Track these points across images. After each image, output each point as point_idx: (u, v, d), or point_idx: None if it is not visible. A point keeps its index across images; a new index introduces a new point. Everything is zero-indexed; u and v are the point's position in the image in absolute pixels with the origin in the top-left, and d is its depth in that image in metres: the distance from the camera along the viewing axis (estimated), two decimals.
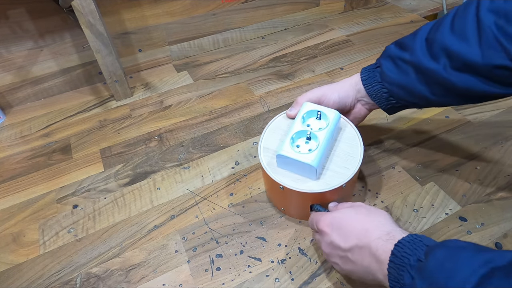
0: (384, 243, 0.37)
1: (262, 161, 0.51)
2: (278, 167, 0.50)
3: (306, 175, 0.49)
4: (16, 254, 0.54)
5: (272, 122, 0.56)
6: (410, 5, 1.13)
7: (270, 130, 0.55)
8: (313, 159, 0.46)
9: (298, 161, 0.47)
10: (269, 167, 0.50)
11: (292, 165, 0.48)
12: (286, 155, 0.47)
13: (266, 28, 1.01)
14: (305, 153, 0.48)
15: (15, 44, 0.76)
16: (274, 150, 0.52)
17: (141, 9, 0.83)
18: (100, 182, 0.63)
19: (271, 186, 0.52)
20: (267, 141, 0.53)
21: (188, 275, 0.49)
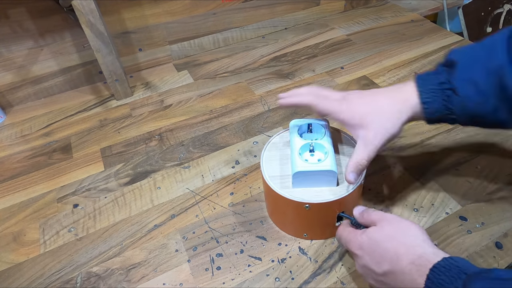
0: (418, 268, 0.35)
1: (274, 188, 0.47)
2: (293, 189, 0.48)
3: (325, 184, 0.47)
4: (16, 253, 0.54)
5: (265, 152, 0.53)
6: (410, 4, 1.13)
7: (266, 160, 0.52)
8: (331, 164, 0.46)
9: (317, 171, 0.45)
10: (285, 192, 0.47)
11: (309, 179, 0.47)
12: (304, 169, 0.45)
13: (267, 27, 1.01)
14: (318, 163, 0.47)
15: (16, 43, 0.76)
16: (280, 175, 0.49)
17: (141, 9, 0.83)
18: (100, 181, 0.64)
19: (291, 212, 0.49)
20: (269, 170, 0.50)
21: (188, 274, 0.49)
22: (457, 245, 0.50)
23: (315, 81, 0.82)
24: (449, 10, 1.29)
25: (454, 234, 0.51)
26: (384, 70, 0.84)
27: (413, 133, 0.67)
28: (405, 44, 0.92)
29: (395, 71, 0.83)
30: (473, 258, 0.48)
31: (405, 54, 0.88)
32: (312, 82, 0.82)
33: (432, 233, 0.51)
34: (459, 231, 0.51)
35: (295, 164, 0.46)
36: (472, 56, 0.41)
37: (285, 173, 0.50)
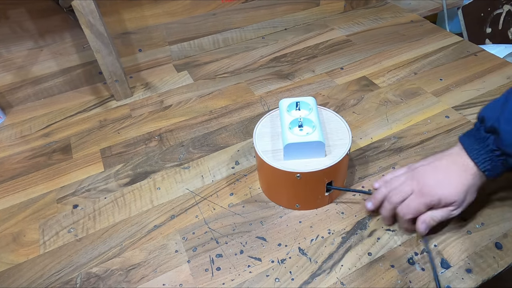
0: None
1: (267, 161, 0.51)
2: (285, 161, 0.51)
3: (314, 155, 0.51)
4: (16, 254, 0.54)
5: (257, 130, 0.57)
6: (410, 5, 1.13)
7: (259, 136, 0.56)
8: (319, 136, 0.50)
9: (306, 142, 0.49)
10: (278, 164, 0.51)
11: (299, 151, 0.51)
12: (294, 141, 0.49)
13: (266, 28, 1.01)
14: (307, 135, 0.51)
15: (15, 44, 0.76)
16: (272, 150, 0.53)
17: (141, 9, 0.83)
18: (100, 182, 0.63)
19: (283, 182, 0.53)
20: (261, 145, 0.54)
21: (188, 275, 0.49)
22: (457, 245, 0.50)
23: (315, 81, 0.82)
24: (448, 10, 1.29)
25: (454, 234, 0.51)
26: (384, 70, 0.84)
27: (413, 133, 0.67)
28: (404, 44, 0.92)
29: (395, 72, 0.83)
30: (473, 259, 0.48)
31: (405, 55, 0.88)
32: (312, 82, 0.82)
33: (432, 234, 0.51)
34: (459, 231, 0.51)
35: (285, 137, 0.51)
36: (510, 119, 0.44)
37: (276, 148, 0.54)
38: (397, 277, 0.47)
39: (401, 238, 0.51)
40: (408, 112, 0.72)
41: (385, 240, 0.51)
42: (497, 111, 0.45)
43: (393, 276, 0.47)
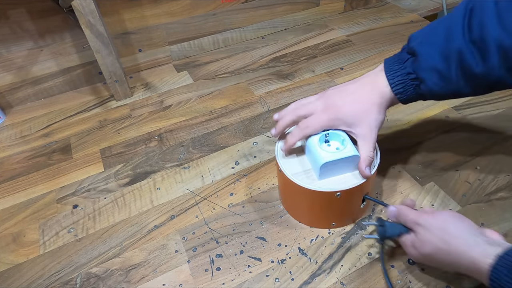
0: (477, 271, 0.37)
1: (302, 184, 0.48)
2: (319, 181, 0.49)
3: (348, 170, 0.49)
4: (16, 254, 0.54)
5: (278, 150, 0.53)
6: (410, 5, 1.13)
7: (283, 159, 0.52)
8: (354, 150, 0.48)
9: (342, 158, 0.47)
10: (314, 185, 0.48)
11: (334, 168, 0.48)
12: (331, 159, 0.47)
13: (266, 28, 1.01)
14: (339, 151, 0.48)
15: (15, 44, 0.76)
16: (303, 171, 0.50)
17: (141, 9, 0.83)
18: (100, 182, 0.63)
19: (322, 204, 0.50)
20: (289, 169, 0.50)
21: (188, 275, 0.49)
22: None
23: (315, 81, 0.82)
24: (448, 10, 1.29)
25: None
26: None
27: (413, 134, 0.67)
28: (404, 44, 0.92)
29: None
30: None
31: None
32: (311, 82, 0.82)
33: None
34: None
35: (319, 156, 0.47)
36: (432, 44, 0.44)
37: (306, 168, 0.51)
38: (397, 277, 0.47)
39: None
40: (408, 112, 0.72)
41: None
42: (422, 33, 0.46)
43: (393, 276, 0.47)
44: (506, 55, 0.40)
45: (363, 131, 0.47)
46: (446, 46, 0.43)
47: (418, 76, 0.45)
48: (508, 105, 0.71)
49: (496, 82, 0.43)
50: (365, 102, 0.47)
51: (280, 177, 0.53)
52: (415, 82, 0.46)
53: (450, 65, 0.43)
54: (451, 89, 0.45)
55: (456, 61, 0.43)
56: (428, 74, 0.44)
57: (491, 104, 0.71)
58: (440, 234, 0.41)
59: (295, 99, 0.77)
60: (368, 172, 0.47)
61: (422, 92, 0.46)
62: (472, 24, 0.41)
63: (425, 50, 0.44)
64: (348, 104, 0.48)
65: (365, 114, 0.47)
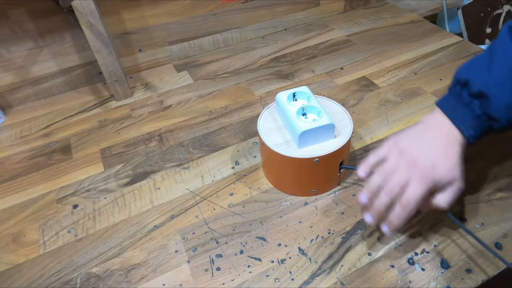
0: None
1: (283, 153, 0.52)
2: (299, 149, 0.53)
3: (325, 138, 0.54)
4: (16, 254, 0.54)
5: (261, 127, 0.58)
6: (410, 5, 1.13)
7: (265, 133, 0.57)
8: (329, 119, 0.53)
9: (319, 127, 0.52)
10: (295, 153, 0.52)
11: (312, 137, 0.53)
12: (308, 128, 0.51)
13: (266, 28, 1.01)
14: (316, 121, 0.53)
15: (15, 44, 0.76)
16: (284, 142, 0.55)
17: (141, 9, 0.84)
18: (100, 182, 0.63)
19: (302, 171, 0.54)
20: (271, 141, 0.55)
21: (188, 275, 0.49)
22: (457, 245, 0.50)
23: (315, 81, 0.82)
24: (448, 10, 1.29)
25: (454, 234, 0.51)
26: (383, 70, 0.84)
27: None
28: (404, 44, 0.92)
29: (394, 72, 0.83)
30: (473, 259, 0.48)
31: (404, 55, 0.88)
32: (311, 82, 0.82)
33: (432, 234, 0.51)
34: (459, 231, 0.51)
35: (297, 126, 0.52)
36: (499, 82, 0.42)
37: (287, 139, 0.55)
38: (397, 277, 0.47)
39: (401, 238, 0.51)
40: (408, 112, 0.72)
41: (385, 240, 0.51)
42: (484, 74, 0.43)
43: (393, 276, 0.47)
44: None
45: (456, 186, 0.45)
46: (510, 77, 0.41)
47: (491, 117, 0.43)
48: None
49: None
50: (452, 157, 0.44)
51: (263, 149, 0.57)
52: (487, 123, 0.44)
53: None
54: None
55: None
56: (503, 113, 0.42)
57: None
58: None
59: None
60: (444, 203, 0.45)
61: (497, 128, 0.44)
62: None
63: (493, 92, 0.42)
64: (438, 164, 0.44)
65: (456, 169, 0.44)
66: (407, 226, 0.52)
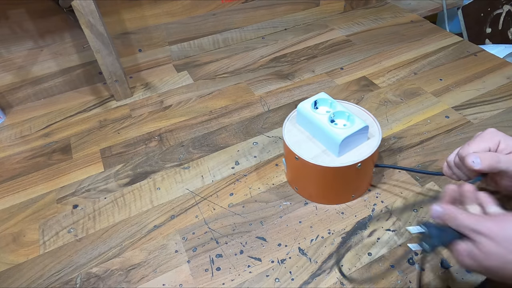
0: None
1: (322, 163, 0.50)
2: (338, 158, 0.52)
3: (360, 142, 0.53)
4: (16, 254, 0.54)
5: (287, 139, 0.54)
6: (410, 5, 1.13)
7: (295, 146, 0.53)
8: (361, 121, 0.51)
9: (355, 132, 0.50)
10: (335, 162, 0.51)
11: (349, 142, 0.51)
12: (347, 135, 0.49)
13: (266, 28, 1.01)
14: (348, 126, 0.51)
15: (15, 44, 0.76)
16: (322, 152, 0.53)
17: (141, 9, 0.83)
18: (100, 182, 0.63)
19: (344, 179, 0.53)
20: (306, 154, 0.52)
21: (188, 275, 0.49)
22: None
23: (315, 81, 0.82)
24: (448, 10, 1.29)
25: None
26: (383, 70, 0.84)
27: (413, 134, 0.67)
28: (404, 44, 0.92)
29: (394, 72, 0.83)
30: None
31: (404, 55, 0.88)
32: (311, 82, 0.82)
33: None
34: None
35: (335, 134, 0.50)
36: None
37: (322, 149, 0.53)
38: (397, 277, 0.47)
39: (401, 238, 0.51)
40: (408, 112, 0.72)
41: (385, 240, 0.51)
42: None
43: (393, 276, 0.47)
44: None
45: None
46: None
47: None
48: (508, 105, 0.71)
49: None
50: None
51: (296, 164, 0.54)
52: None
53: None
54: None
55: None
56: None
57: (491, 104, 0.71)
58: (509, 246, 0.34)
59: (295, 99, 0.78)
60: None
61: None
62: None
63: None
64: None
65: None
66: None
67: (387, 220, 0.54)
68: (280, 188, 0.59)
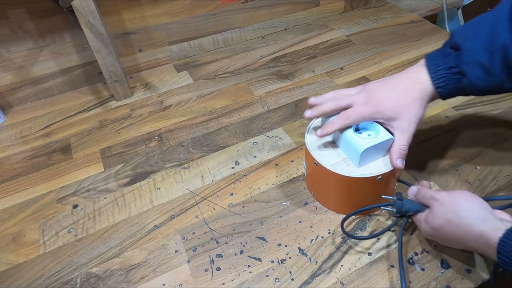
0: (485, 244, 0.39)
1: (341, 172, 0.48)
2: (359, 167, 0.50)
3: (382, 155, 0.51)
4: (16, 254, 0.54)
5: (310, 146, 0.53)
6: (410, 5, 1.13)
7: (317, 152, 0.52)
8: (387, 133, 0.49)
9: (379, 143, 0.48)
10: (356, 173, 0.48)
11: (371, 154, 0.49)
12: (369, 145, 0.48)
13: (266, 28, 1.01)
14: (373, 137, 0.49)
15: (15, 44, 0.76)
16: (342, 160, 0.51)
17: (141, 9, 0.83)
18: (100, 182, 0.63)
19: (364, 190, 0.51)
20: (327, 161, 0.50)
21: (188, 275, 0.49)
22: None
23: (315, 81, 0.82)
24: (448, 10, 1.29)
25: None
26: (383, 70, 0.84)
27: None
28: (404, 44, 0.92)
29: (394, 72, 0.83)
30: (473, 259, 0.48)
31: (404, 55, 0.88)
32: (311, 82, 0.82)
33: None
34: None
35: (358, 144, 0.48)
36: (476, 38, 0.44)
37: (343, 157, 0.51)
38: (397, 277, 0.47)
39: (401, 238, 0.51)
40: None
41: (385, 240, 0.51)
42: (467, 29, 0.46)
43: (393, 276, 0.47)
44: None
45: (401, 125, 0.48)
46: (491, 40, 0.43)
47: (460, 70, 0.45)
48: (508, 105, 0.71)
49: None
50: (406, 97, 0.47)
51: (316, 170, 0.52)
52: (457, 76, 0.46)
53: (494, 59, 0.43)
54: (493, 84, 0.45)
55: (500, 55, 0.43)
56: (472, 68, 0.45)
57: (491, 104, 0.71)
58: (452, 207, 0.42)
59: (295, 99, 0.78)
60: (399, 164, 0.48)
61: (464, 86, 0.46)
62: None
63: (469, 44, 0.45)
64: (389, 98, 0.48)
65: (405, 108, 0.47)
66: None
67: (387, 220, 0.54)
68: (280, 188, 0.59)
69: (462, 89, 0.47)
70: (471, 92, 0.47)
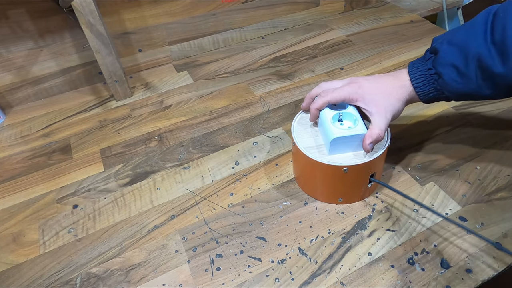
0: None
1: (311, 157, 0.51)
2: (329, 156, 0.52)
3: (358, 148, 0.52)
4: (16, 254, 0.54)
5: (294, 127, 0.57)
6: (410, 5, 1.13)
7: (297, 134, 0.55)
8: (363, 128, 0.51)
9: (351, 136, 0.50)
10: (324, 159, 0.51)
11: (344, 145, 0.51)
12: (340, 135, 0.49)
13: (266, 28, 1.01)
14: (350, 128, 0.51)
15: (15, 44, 0.76)
16: (315, 146, 0.53)
17: (141, 9, 0.83)
18: (100, 182, 0.63)
19: (329, 177, 0.53)
20: (303, 142, 0.54)
21: (188, 275, 0.49)
22: (457, 245, 0.50)
23: (315, 81, 0.82)
24: (448, 10, 1.29)
25: (454, 234, 0.51)
26: (383, 70, 0.84)
27: (413, 134, 0.67)
28: (404, 44, 0.92)
29: None
30: (473, 259, 0.48)
31: (404, 55, 0.88)
32: (311, 82, 0.82)
33: (432, 234, 0.51)
34: (459, 231, 0.51)
35: (330, 132, 0.50)
36: (451, 42, 0.47)
37: (319, 143, 0.54)
38: (397, 277, 0.47)
39: (401, 238, 0.51)
40: (408, 112, 0.72)
41: (385, 240, 0.51)
42: (446, 34, 0.49)
43: (393, 276, 0.47)
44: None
45: (379, 111, 0.50)
46: (465, 45, 0.46)
47: (436, 71, 0.48)
48: (508, 105, 0.71)
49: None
50: (386, 88, 0.51)
51: (294, 150, 0.55)
52: (434, 77, 0.49)
53: (468, 63, 0.45)
54: (470, 88, 0.47)
55: (475, 61, 0.45)
56: (446, 69, 0.47)
57: (491, 104, 0.71)
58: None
59: (295, 99, 0.78)
60: (369, 148, 0.49)
61: (441, 87, 0.48)
62: (495, 27, 0.43)
63: (444, 47, 0.47)
64: (371, 86, 0.52)
65: (384, 97, 0.50)
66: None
67: (387, 220, 0.54)
68: (280, 188, 0.60)
69: (439, 90, 0.49)
70: (449, 94, 0.49)
